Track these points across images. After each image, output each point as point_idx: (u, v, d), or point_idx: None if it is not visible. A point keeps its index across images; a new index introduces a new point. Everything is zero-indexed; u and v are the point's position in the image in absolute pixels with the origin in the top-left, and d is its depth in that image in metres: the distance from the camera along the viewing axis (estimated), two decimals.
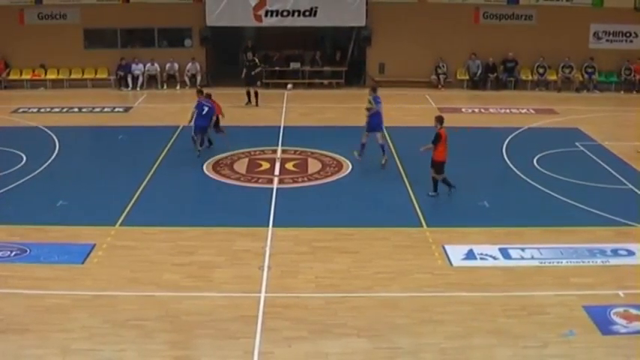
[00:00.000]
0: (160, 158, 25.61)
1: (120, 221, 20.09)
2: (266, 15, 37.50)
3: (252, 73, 34.33)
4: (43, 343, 13.98)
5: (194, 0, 37.88)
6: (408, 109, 33.86)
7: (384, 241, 18.73)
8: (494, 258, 17.67)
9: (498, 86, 38.09)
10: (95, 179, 23.81)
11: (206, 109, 25.66)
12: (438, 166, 21.81)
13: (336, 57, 39.33)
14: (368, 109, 25.31)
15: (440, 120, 22.00)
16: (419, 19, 37.39)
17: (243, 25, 38.40)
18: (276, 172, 24.22)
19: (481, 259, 17.66)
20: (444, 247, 18.21)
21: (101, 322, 14.69)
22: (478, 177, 23.90)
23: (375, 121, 25.08)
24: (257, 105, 33.69)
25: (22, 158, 25.52)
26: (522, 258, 17.72)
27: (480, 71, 38.02)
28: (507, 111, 33.56)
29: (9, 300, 15.73)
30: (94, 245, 18.40)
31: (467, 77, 38.33)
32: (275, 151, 26.44)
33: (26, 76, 38.41)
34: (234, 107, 32.94)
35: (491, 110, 33.45)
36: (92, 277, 16.76)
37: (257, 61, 34.79)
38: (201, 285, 16.33)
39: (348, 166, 24.69)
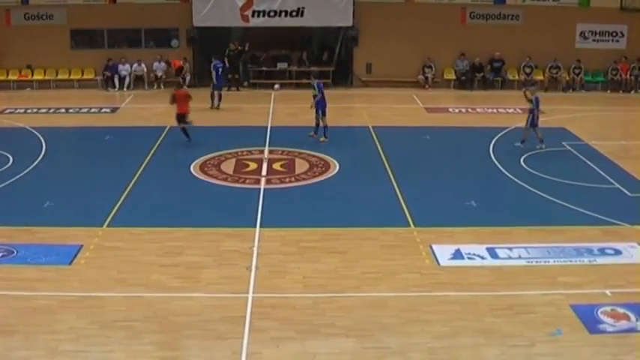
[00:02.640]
0: (148, 159, 25.56)
1: (107, 222, 20.04)
2: (253, 15, 37.49)
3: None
4: (30, 345, 13.92)
5: (181, 0, 37.81)
6: (395, 109, 33.92)
7: (371, 241, 18.73)
8: (482, 257, 17.70)
9: (485, 86, 38.17)
10: (82, 180, 23.77)
11: None
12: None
13: (323, 57, 39.35)
14: (314, 96, 27.75)
15: None
16: (406, 19, 37.42)
17: (230, 25, 38.38)
18: (264, 172, 24.20)
19: (469, 258, 17.68)
20: (431, 247, 18.22)
21: (89, 324, 14.64)
22: (465, 177, 23.96)
23: (321, 105, 27.61)
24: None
25: (8, 159, 25.42)
26: (510, 257, 17.74)
27: (467, 70, 38.07)
28: (494, 111, 33.64)
29: None
30: (82, 246, 18.33)
31: (454, 77, 38.38)
32: (262, 152, 26.42)
33: (13, 77, 38.27)
34: (222, 107, 32.97)
35: (478, 110, 33.51)
36: (79, 278, 16.70)
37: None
38: (188, 285, 16.31)
39: (335, 167, 24.70)
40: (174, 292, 16.02)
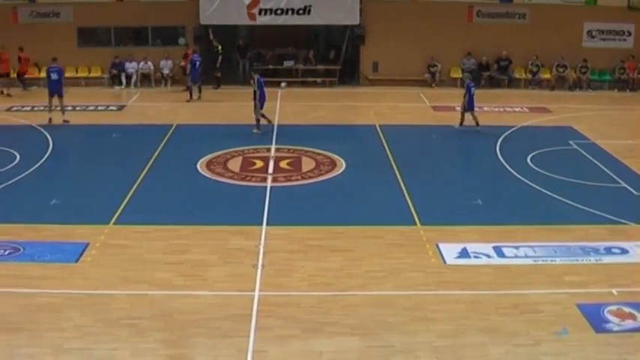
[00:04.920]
0: (154, 157, 25.59)
1: (113, 220, 20.05)
2: (260, 13, 37.49)
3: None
4: (35, 342, 13.94)
5: None
6: (402, 108, 33.89)
7: (377, 240, 18.71)
8: (488, 256, 17.67)
9: (492, 85, 38.10)
10: (89, 178, 23.81)
11: None
12: None
13: (329, 55, 39.30)
14: (254, 91, 28.74)
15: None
16: (412, 17, 37.36)
17: (237, 23, 38.36)
18: (270, 170, 24.21)
19: (475, 257, 17.65)
20: (437, 246, 18.20)
21: (94, 321, 14.64)
22: (472, 175, 24.00)
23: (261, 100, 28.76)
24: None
25: (15, 157, 25.47)
26: (516, 256, 17.71)
27: (473, 68, 38.00)
28: (501, 109, 33.58)
29: (1, 299, 15.69)
30: (88, 244, 18.35)
31: (461, 76, 38.27)
32: (269, 150, 26.43)
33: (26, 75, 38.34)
34: (228, 105, 33.03)
35: (484, 109, 33.38)
36: (85, 276, 16.72)
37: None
38: (194, 284, 16.31)
39: (341, 165, 24.68)
40: (180, 290, 16.01)
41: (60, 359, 13.43)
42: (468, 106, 29.18)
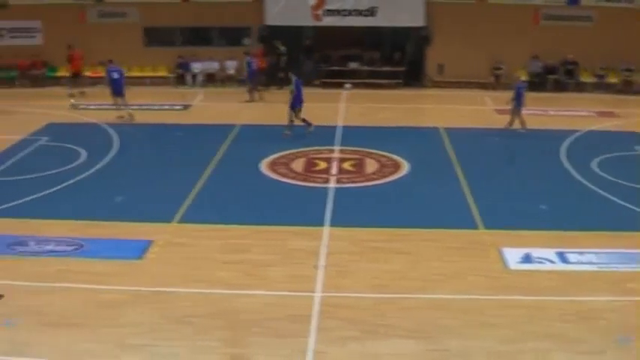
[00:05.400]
0: (217, 156, 25.74)
1: (177, 218, 20.22)
2: (325, 14, 37.51)
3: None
4: (97, 338, 14.10)
5: None
6: (466, 110, 33.65)
7: (438, 243, 18.59)
8: (552, 262, 17.45)
9: (558, 88, 37.66)
10: (153, 176, 24.06)
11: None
12: None
13: (394, 57, 39.15)
14: (291, 92, 28.67)
15: None
16: (478, 19, 37.03)
17: (302, 24, 38.39)
18: (333, 171, 24.19)
19: (538, 262, 17.44)
20: (500, 250, 18.01)
21: (156, 318, 14.78)
22: (536, 179, 23.65)
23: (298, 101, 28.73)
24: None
25: (81, 154, 25.83)
26: (580, 262, 17.45)
27: (539, 71, 37.59)
28: (567, 113, 33.13)
29: (66, 294, 15.90)
30: (151, 241, 18.53)
31: (526, 79, 37.83)
32: (332, 151, 26.41)
33: (86, 74, 38.79)
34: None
35: (550, 112, 33.03)
36: (148, 274, 16.88)
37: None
38: (255, 283, 16.36)
39: (405, 167, 24.57)
40: (241, 289, 16.07)
41: (120, 355, 13.57)
42: (517, 107, 28.98)
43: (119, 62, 32.24)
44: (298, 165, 24.83)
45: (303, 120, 28.62)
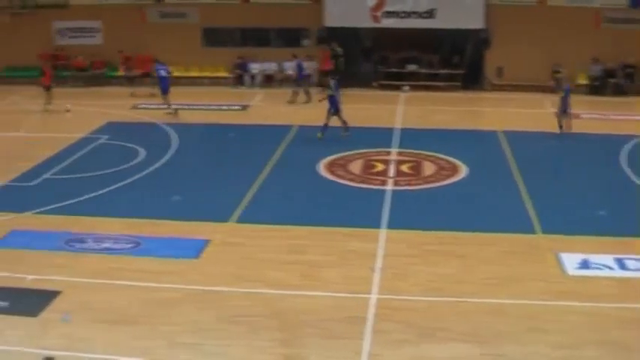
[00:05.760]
0: (275, 157, 25.75)
1: (233, 218, 20.24)
2: (384, 16, 37.37)
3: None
4: (151, 335, 14.14)
5: (312, 0, 37.96)
6: (525, 114, 33.23)
7: (495, 247, 18.35)
8: (610, 268, 17.11)
9: (617, 92, 37.05)
10: (210, 176, 24.15)
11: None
12: None
13: (453, 59, 38.87)
14: (329, 95, 28.49)
15: None
16: (538, 22, 36.48)
17: (361, 25, 38.27)
18: (391, 173, 24.05)
19: (596, 268, 17.12)
20: (557, 255, 17.71)
21: (209, 317, 14.79)
22: (595, 184, 23.27)
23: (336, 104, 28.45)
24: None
25: (140, 153, 26.00)
26: (638, 269, 17.10)
27: (599, 75, 37.03)
28: (627, 117, 32.55)
29: (121, 292, 15.99)
30: (208, 241, 18.58)
31: (586, 82, 37.33)
32: (390, 153, 26.27)
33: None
34: (350, 108, 32.94)
35: (610, 116, 32.50)
36: (203, 272, 16.90)
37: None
38: (310, 284, 16.29)
39: (463, 170, 24.34)
40: (296, 290, 16.01)
41: (174, 353, 13.59)
42: (564, 110, 28.84)
43: (177, 62, 32.46)
44: (356, 167, 24.73)
45: (325, 125, 28.32)
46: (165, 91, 32.31)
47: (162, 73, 32.34)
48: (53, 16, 39.63)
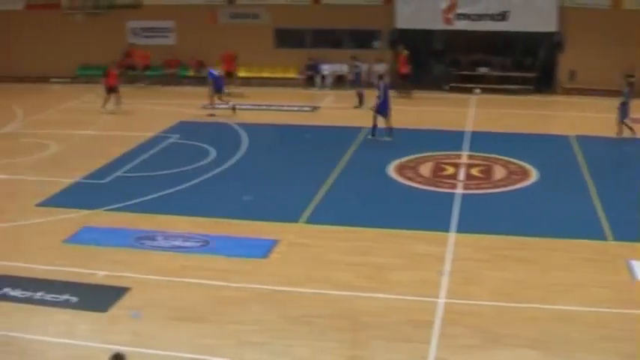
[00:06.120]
0: (345, 158, 25.75)
1: (303, 219, 20.29)
2: (456, 18, 37.18)
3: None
4: (218, 334, 14.24)
5: (384, 2, 37.91)
6: (598, 119, 32.67)
7: (564, 253, 18.08)
8: None
9: None
10: (280, 176, 24.25)
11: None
12: None
13: (525, 62, 38.50)
14: (378, 97, 28.22)
15: None
16: (613, 25, 35.87)
17: (433, 28, 38.10)
18: (461, 177, 23.91)
19: None
20: (628, 263, 17.38)
21: (276, 317, 14.84)
22: None
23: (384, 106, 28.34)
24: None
25: (211, 153, 26.21)
26: None
27: None
28: None
29: (190, 289, 16.14)
30: (276, 241, 18.65)
31: None
32: (460, 156, 26.11)
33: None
34: (421, 110, 32.92)
35: None
36: (271, 272, 16.97)
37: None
38: (377, 286, 16.23)
39: (533, 175, 24.07)
40: (362, 291, 15.97)
41: (240, 352, 13.66)
42: (624, 115, 28.69)
43: (249, 63, 32.64)
44: (426, 169, 24.62)
45: (390, 126, 28.25)
46: (219, 91, 32.72)
47: (215, 73, 32.74)
48: (127, 16, 40.20)
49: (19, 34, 41.35)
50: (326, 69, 38.82)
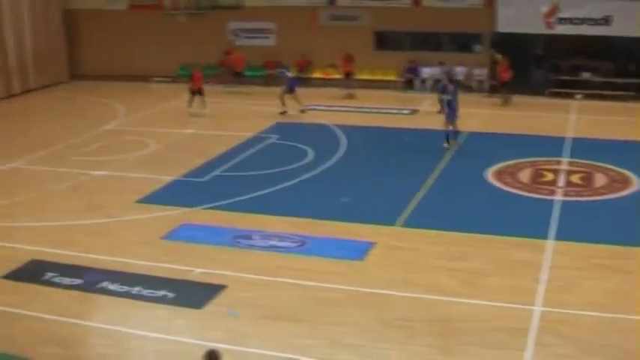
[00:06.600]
0: (444, 161, 25.63)
1: (399, 222, 20.27)
2: (557, 22, 36.65)
3: None
4: (313, 334, 14.33)
5: (485, 5, 37.59)
6: None
7: None
8: None
9: None
10: (378, 179, 24.21)
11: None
12: None
13: (628, 68, 37.71)
14: (447, 101, 27.82)
15: None
16: None
17: (534, 32, 37.57)
18: (561, 183, 23.56)
19: None
20: None
21: (371, 320, 14.86)
22: None
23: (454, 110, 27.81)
24: None
25: (309, 154, 26.35)
26: None
27: None
28: None
29: (285, 289, 16.28)
30: (373, 243, 18.67)
31: None
32: (560, 162, 25.73)
33: (317, 75, 39.71)
34: (521, 116, 32.55)
35: None
36: (367, 275, 17.00)
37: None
38: (472, 292, 16.12)
39: (636, 183, 23.56)
40: (457, 297, 15.89)
41: (334, 353, 13.73)
42: None
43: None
44: (525, 175, 24.32)
45: (454, 132, 27.92)
46: (290, 91, 33.12)
47: (288, 74, 33.01)
48: (228, 17, 40.67)
49: (122, 33, 42.28)
50: (426, 72, 38.64)
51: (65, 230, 20.13)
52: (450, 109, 27.74)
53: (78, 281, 16.72)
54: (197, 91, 33.46)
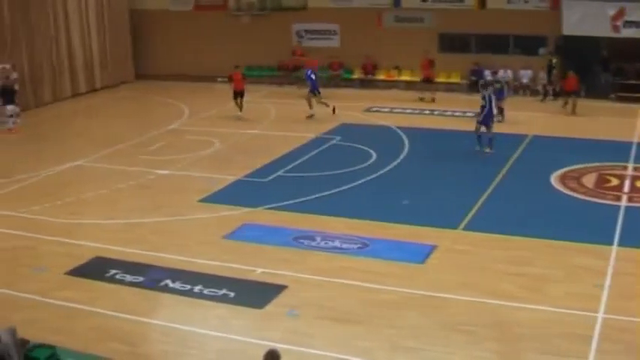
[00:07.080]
0: (507, 166, 25.45)
1: (462, 225, 20.19)
2: (624, 26, 36.15)
3: None
4: (372, 336, 14.35)
5: (550, 7, 37.23)
6: None
7: None
8: None
9: None
10: (441, 181, 24.18)
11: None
12: None
13: None
14: (482, 107, 27.47)
15: None
16: None
17: (600, 35, 37.06)
18: (626, 189, 23.26)
19: None
20: None
21: (431, 323, 14.84)
22: None
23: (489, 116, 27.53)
24: None
25: (372, 156, 26.36)
26: None
27: None
28: None
29: (345, 291, 16.33)
30: (434, 247, 18.64)
31: None
32: (626, 168, 25.40)
33: (381, 77, 39.69)
34: (586, 120, 32.18)
35: None
36: (428, 278, 16.97)
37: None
38: (534, 297, 16.00)
39: None
40: (519, 302, 15.77)
41: (394, 356, 13.77)
42: None
43: (413, 67, 32.46)
44: (589, 180, 24.03)
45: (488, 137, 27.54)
46: (313, 91, 33.28)
47: (312, 75, 33.25)
48: (292, 19, 40.83)
49: (187, 34, 42.67)
50: (490, 75, 38.38)
51: (129, 228, 20.42)
52: (484, 116, 27.46)
53: (140, 279, 16.98)
54: (238, 93, 33.51)
